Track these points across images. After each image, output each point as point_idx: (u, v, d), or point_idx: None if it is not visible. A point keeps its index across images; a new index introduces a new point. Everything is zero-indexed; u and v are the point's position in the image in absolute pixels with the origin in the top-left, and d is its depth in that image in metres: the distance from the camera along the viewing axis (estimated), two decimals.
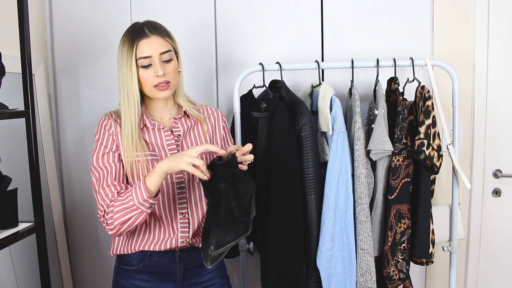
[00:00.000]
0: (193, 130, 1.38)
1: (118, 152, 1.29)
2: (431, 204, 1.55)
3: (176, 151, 1.33)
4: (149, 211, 1.20)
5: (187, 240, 1.32)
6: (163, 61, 1.27)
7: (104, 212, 1.23)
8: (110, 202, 1.22)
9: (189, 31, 1.96)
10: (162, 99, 1.31)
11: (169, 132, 1.34)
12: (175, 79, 1.30)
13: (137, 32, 1.26)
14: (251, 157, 1.21)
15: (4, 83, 1.48)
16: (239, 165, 1.20)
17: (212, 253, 1.09)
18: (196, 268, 1.39)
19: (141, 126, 1.33)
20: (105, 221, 1.23)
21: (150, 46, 1.25)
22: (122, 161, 1.29)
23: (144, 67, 1.25)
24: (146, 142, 1.32)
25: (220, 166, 1.15)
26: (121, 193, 1.24)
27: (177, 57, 1.33)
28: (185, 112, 1.38)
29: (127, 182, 1.30)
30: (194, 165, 1.13)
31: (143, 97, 1.34)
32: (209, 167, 1.18)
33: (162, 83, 1.26)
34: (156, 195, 1.21)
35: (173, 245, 1.32)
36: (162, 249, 1.31)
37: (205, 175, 1.14)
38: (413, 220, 1.55)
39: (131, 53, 1.24)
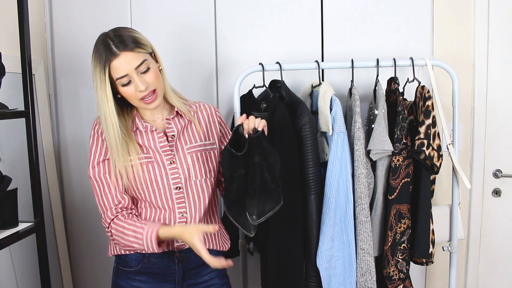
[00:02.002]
0: (187, 129, 1.37)
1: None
2: (431, 204, 1.55)
3: (169, 152, 1.32)
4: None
5: None
6: (141, 73, 1.23)
7: (109, 225, 1.29)
8: (111, 220, 1.28)
9: (189, 31, 1.96)
10: (153, 109, 1.29)
11: (162, 134, 1.33)
12: (160, 84, 1.27)
13: (105, 53, 1.20)
14: (263, 123, 1.24)
15: (4, 83, 1.48)
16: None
17: (254, 222, 1.17)
18: (195, 269, 1.38)
19: (134, 129, 1.32)
20: (109, 231, 1.30)
21: (122, 65, 1.20)
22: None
23: (125, 85, 1.22)
24: (139, 145, 1.31)
25: (254, 139, 1.18)
26: (129, 217, 1.29)
27: (154, 56, 1.29)
28: (177, 112, 1.37)
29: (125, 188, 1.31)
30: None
31: None
32: (237, 140, 1.23)
33: (148, 96, 1.24)
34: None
35: (170, 247, 1.32)
36: (160, 250, 1.31)
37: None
38: (413, 220, 1.55)
39: (103, 76, 1.20)
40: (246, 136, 1.22)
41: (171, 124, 1.35)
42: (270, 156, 1.22)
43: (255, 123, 1.22)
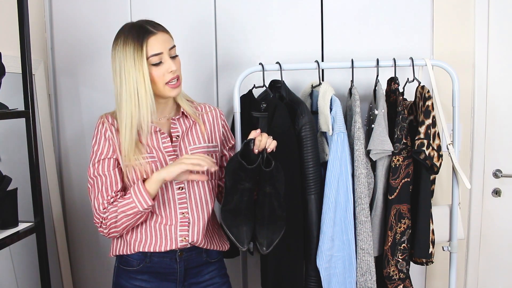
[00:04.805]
0: (191, 130, 1.38)
1: (114, 157, 1.29)
2: (431, 204, 1.55)
3: (173, 152, 1.32)
4: (148, 211, 1.26)
5: (186, 238, 1.32)
6: (171, 57, 1.26)
7: (102, 219, 1.26)
8: (104, 213, 1.26)
9: (189, 31, 1.96)
10: (174, 96, 1.30)
11: (166, 134, 1.34)
12: (181, 75, 1.31)
13: (141, 31, 1.22)
14: (274, 143, 1.26)
15: (4, 83, 1.48)
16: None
17: (264, 253, 1.24)
18: (197, 268, 1.39)
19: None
20: (104, 229, 1.28)
21: (159, 42, 1.23)
22: (117, 166, 1.30)
23: (155, 65, 1.23)
24: (143, 144, 1.31)
25: (268, 173, 1.22)
26: (118, 199, 1.26)
27: None
28: (183, 113, 1.37)
29: (123, 187, 1.31)
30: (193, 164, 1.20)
31: None
32: (245, 152, 1.25)
33: (173, 79, 1.26)
34: (154, 197, 1.26)
35: (173, 247, 1.32)
36: (162, 250, 1.31)
37: (209, 170, 1.20)
38: (413, 220, 1.55)
39: (140, 52, 1.20)
40: (256, 151, 1.24)
41: (176, 125, 1.35)
42: (277, 181, 1.25)
43: (267, 143, 1.24)
